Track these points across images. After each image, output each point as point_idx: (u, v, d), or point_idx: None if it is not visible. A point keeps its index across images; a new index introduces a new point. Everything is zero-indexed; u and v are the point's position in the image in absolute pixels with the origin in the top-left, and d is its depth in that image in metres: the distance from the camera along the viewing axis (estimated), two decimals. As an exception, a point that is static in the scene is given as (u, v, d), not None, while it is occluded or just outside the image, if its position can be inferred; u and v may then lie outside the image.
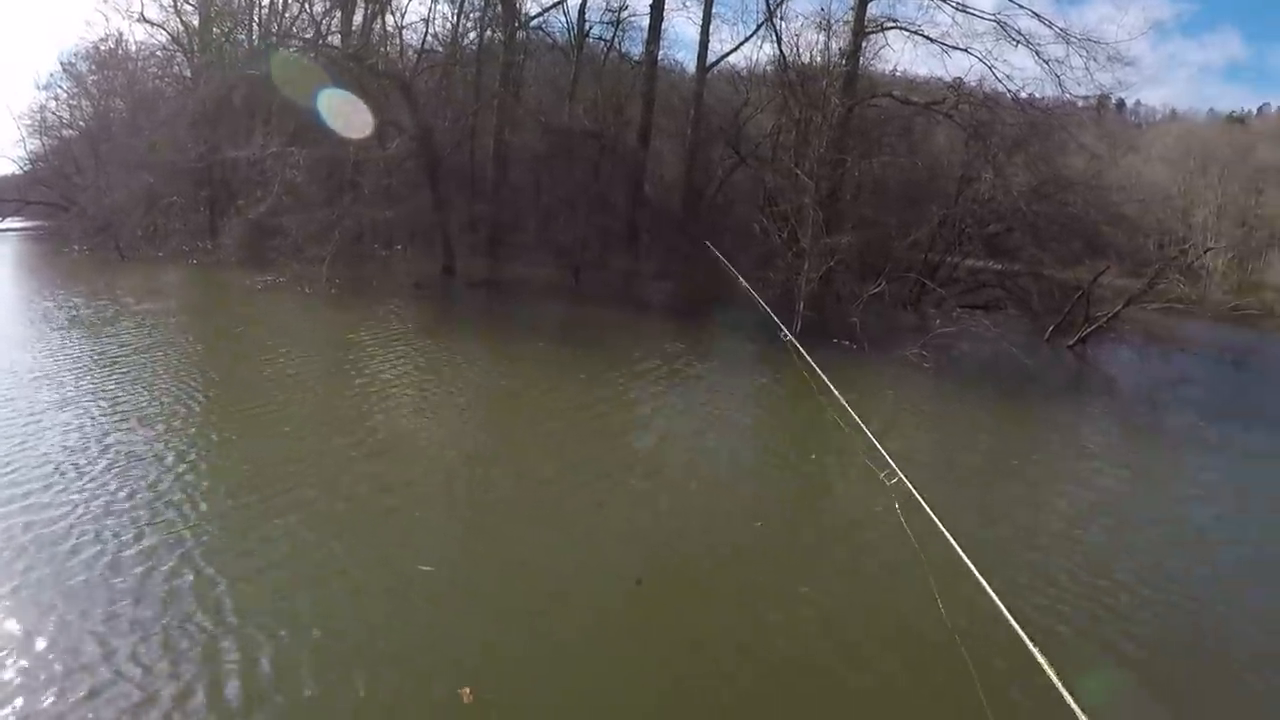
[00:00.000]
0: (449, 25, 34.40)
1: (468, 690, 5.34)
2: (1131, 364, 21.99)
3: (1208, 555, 8.71)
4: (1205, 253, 34.28)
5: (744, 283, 7.79)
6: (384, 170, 25.90)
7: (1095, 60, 24.83)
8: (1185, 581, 7.93)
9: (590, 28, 32.63)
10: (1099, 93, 31.13)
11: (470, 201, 27.77)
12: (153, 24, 38.12)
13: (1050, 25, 25.03)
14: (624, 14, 32.37)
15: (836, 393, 5.66)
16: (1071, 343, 22.29)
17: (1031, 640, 3.05)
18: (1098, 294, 23.86)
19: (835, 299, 20.31)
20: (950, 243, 23.27)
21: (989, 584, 3.41)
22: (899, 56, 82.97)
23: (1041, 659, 2.97)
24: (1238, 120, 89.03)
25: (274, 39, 30.22)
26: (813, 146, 21.94)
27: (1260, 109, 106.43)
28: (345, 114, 22.34)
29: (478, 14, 32.33)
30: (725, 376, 16.00)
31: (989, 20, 25.51)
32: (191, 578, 6.38)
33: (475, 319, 18.51)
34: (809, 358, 6.02)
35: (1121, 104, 67.02)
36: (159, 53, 39.16)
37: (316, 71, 23.82)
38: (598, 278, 24.52)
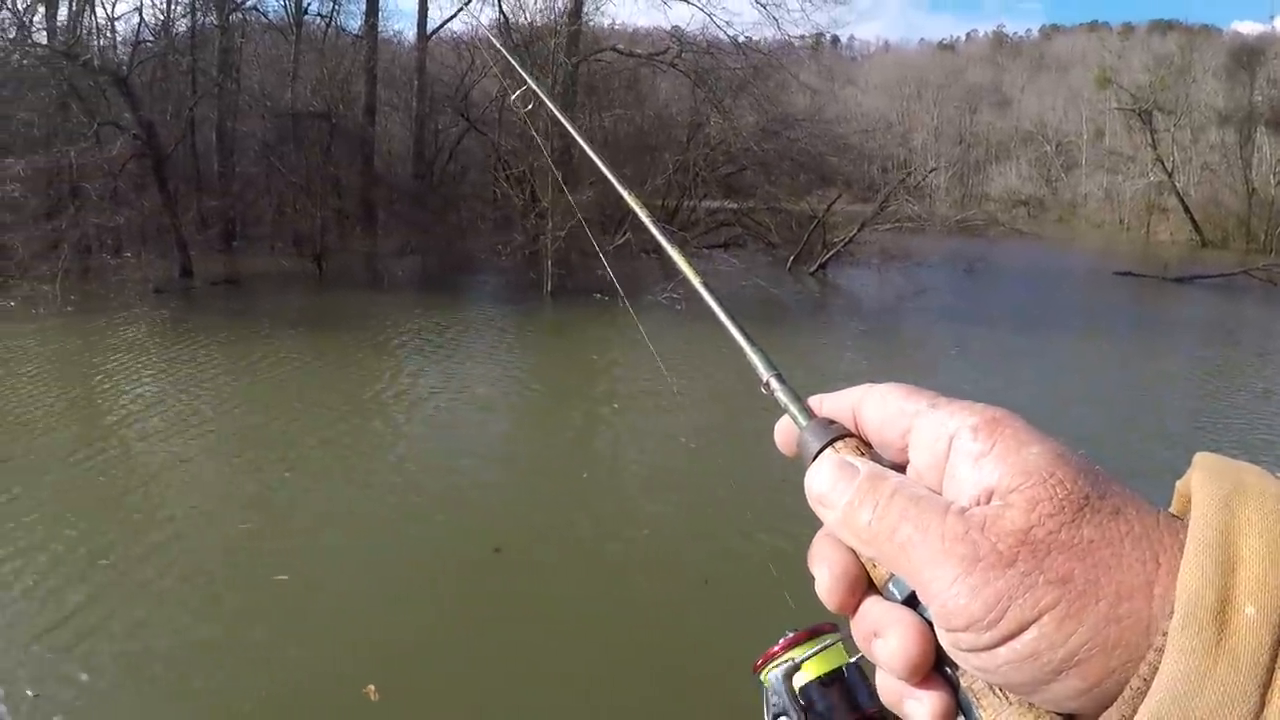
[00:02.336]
0: (160, 15, 32.17)
1: (372, 688, 5.28)
2: (872, 282, 23.47)
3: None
4: (930, 172, 36.70)
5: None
6: (108, 174, 24.04)
7: (811, 1, 26.09)
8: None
9: (308, 5, 31.49)
10: (816, 31, 32.76)
11: (199, 197, 26.25)
12: None
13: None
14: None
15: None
16: (813, 269, 23.49)
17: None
18: (831, 221, 25.21)
19: (580, 254, 20.55)
20: (685, 187, 23.93)
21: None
22: (619, 10, 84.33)
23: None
24: (948, 47, 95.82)
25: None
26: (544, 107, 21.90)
27: (969, 35, 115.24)
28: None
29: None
30: (502, 342, 16.41)
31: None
32: None
33: (226, 321, 17.42)
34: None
35: (836, 40, 70.81)
36: None
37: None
38: (340, 262, 23.79)
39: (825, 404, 0.61)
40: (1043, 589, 0.44)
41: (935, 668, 0.50)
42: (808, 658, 0.89)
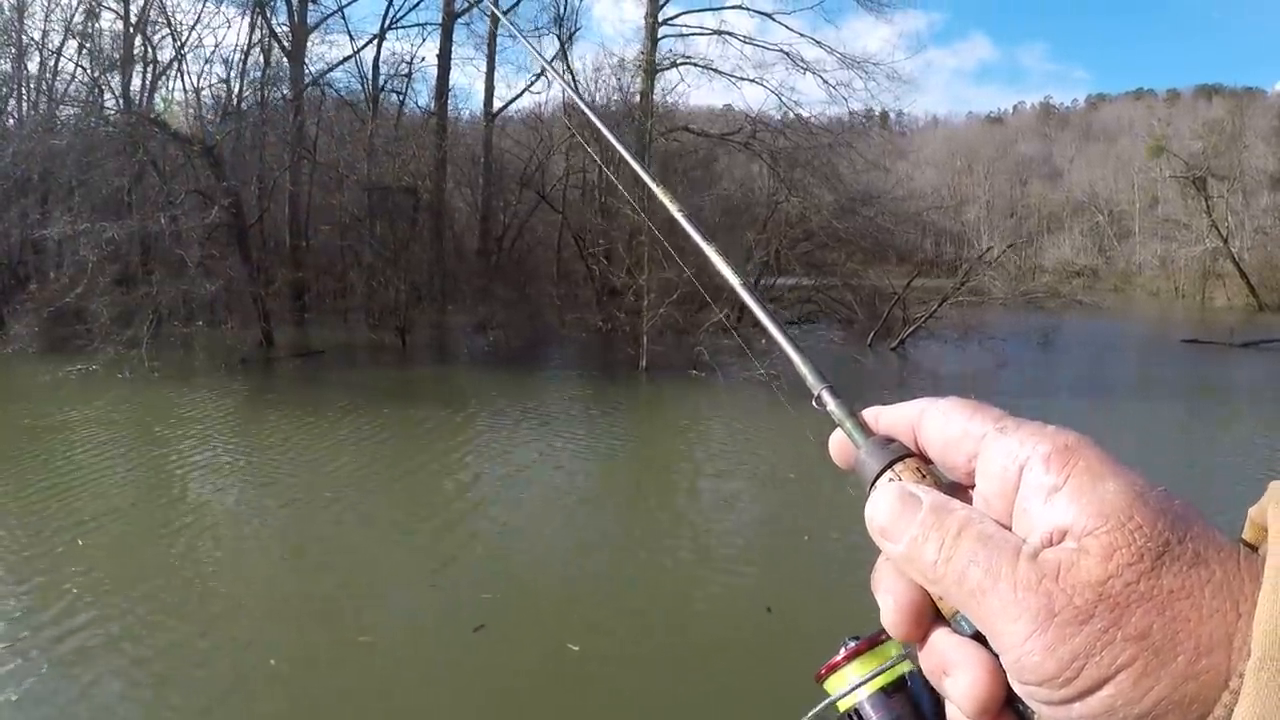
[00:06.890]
0: (235, 89, 33.12)
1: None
2: (953, 357, 23.56)
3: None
4: (1008, 248, 37.08)
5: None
6: (197, 242, 24.49)
7: (875, 81, 26.64)
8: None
9: (385, 82, 32.35)
10: (880, 108, 33.27)
11: (279, 268, 26.78)
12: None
13: (832, 52, 26.65)
14: (415, 65, 32.36)
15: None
16: (894, 345, 23.75)
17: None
18: (906, 296, 25.43)
19: (659, 331, 20.83)
20: (766, 264, 24.25)
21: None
22: (694, 90, 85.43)
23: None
24: (996, 120, 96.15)
25: (52, 105, 28.17)
26: (634, 184, 22.40)
27: (1016, 107, 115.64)
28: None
29: (260, 74, 31.29)
30: (613, 420, 16.61)
31: (776, 51, 26.83)
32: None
33: (316, 394, 17.61)
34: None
35: (886, 116, 71.46)
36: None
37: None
38: (420, 336, 24.14)
39: (882, 418, 0.60)
40: (1120, 645, 0.43)
41: (1008, 703, 0.49)
42: (872, 676, 0.87)
